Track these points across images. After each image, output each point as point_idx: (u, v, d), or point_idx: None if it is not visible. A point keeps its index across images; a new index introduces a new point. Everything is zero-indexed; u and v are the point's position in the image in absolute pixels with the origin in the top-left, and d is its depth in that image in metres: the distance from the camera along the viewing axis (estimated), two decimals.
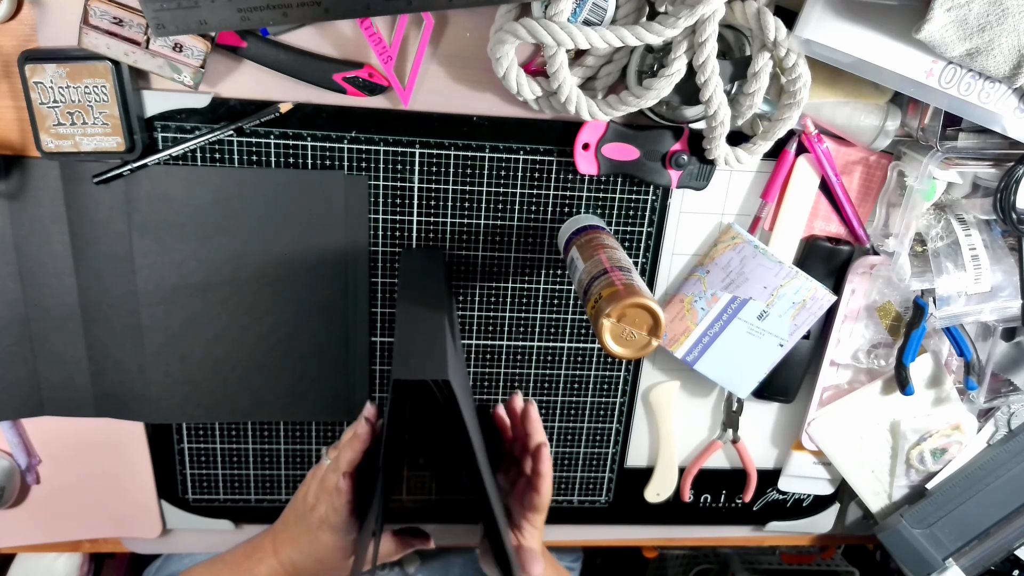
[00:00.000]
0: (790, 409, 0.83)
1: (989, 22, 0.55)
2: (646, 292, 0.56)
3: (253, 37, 0.60)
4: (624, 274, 0.58)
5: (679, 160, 0.68)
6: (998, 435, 0.84)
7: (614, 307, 0.54)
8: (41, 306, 0.68)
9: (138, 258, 0.67)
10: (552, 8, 0.57)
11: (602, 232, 0.67)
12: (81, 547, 0.84)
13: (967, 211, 0.71)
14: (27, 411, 0.73)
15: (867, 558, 1.16)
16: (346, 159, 0.67)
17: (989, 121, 0.62)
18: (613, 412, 0.81)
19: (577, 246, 0.65)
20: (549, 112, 0.64)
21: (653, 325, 0.55)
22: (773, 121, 0.64)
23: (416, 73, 0.63)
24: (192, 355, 0.72)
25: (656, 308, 0.54)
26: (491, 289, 0.74)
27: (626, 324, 0.55)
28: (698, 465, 0.85)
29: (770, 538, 0.94)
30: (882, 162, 0.70)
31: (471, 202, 0.70)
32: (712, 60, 0.59)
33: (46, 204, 0.65)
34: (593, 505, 0.87)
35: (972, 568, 0.83)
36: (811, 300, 0.73)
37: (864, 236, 0.73)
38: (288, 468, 0.80)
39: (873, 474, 0.85)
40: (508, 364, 0.77)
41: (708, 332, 0.74)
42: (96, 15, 0.57)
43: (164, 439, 0.77)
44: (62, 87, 0.59)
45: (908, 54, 0.59)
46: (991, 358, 0.78)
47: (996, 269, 0.71)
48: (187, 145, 0.64)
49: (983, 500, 0.83)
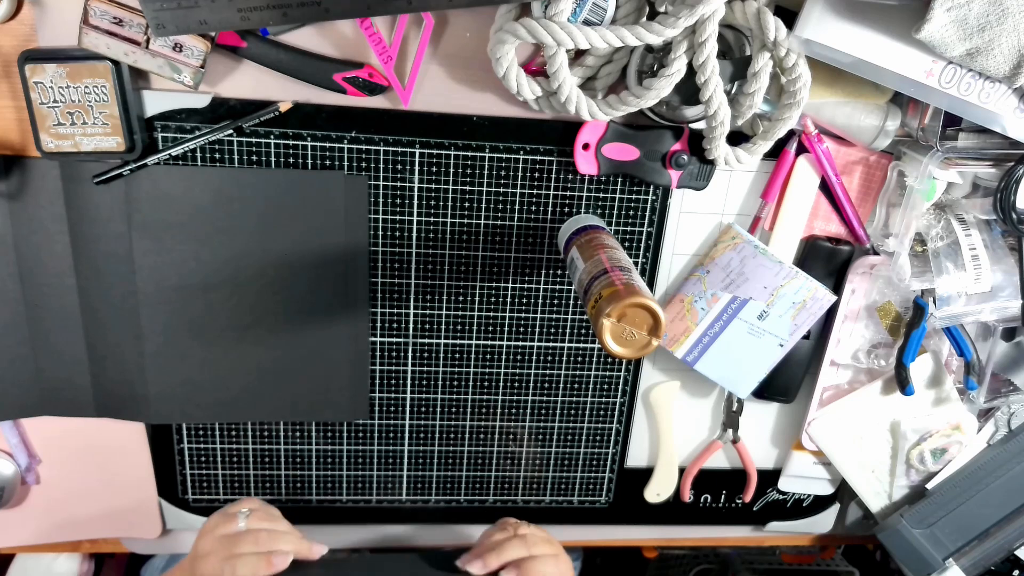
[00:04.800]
0: (790, 409, 0.83)
1: (989, 22, 0.55)
2: (646, 292, 0.56)
3: (253, 37, 0.60)
4: (624, 274, 0.58)
5: (679, 160, 0.68)
6: (998, 435, 0.84)
7: (614, 307, 0.54)
8: (41, 306, 0.68)
9: (138, 258, 0.67)
10: (552, 8, 0.57)
11: (602, 232, 0.67)
12: (81, 547, 0.84)
13: (967, 211, 0.71)
14: (27, 411, 0.73)
15: (867, 558, 1.16)
16: (346, 159, 0.67)
17: (989, 121, 0.62)
18: (613, 412, 0.81)
19: (577, 246, 0.65)
20: (549, 112, 0.64)
21: (653, 325, 0.55)
22: (773, 121, 0.64)
23: (416, 73, 0.63)
24: (192, 355, 0.72)
25: (656, 308, 0.54)
26: (491, 289, 0.74)
27: (626, 324, 0.55)
28: (698, 465, 0.85)
29: (770, 538, 0.94)
30: (882, 162, 0.70)
31: (471, 202, 0.70)
32: (712, 60, 0.59)
33: (46, 204, 0.65)
34: (593, 505, 0.87)
35: (972, 568, 0.83)
36: (811, 300, 0.73)
37: (864, 236, 0.73)
38: (288, 468, 0.80)
39: (873, 474, 0.85)
40: (508, 364, 0.77)
41: (708, 332, 0.74)
42: (96, 15, 0.57)
43: (164, 439, 0.77)
44: (62, 87, 0.59)
45: (908, 54, 0.59)
46: (991, 358, 0.78)
47: (996, 269, 0.71)
48: (187, 145, 0.64)
49: (983, 500, 0.83)
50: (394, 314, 0.74)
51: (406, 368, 0.76)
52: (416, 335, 0.75)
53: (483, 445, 0.81)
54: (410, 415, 0.79)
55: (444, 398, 0.78)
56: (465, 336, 0.75)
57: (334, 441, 0.79)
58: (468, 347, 0.76)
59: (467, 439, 0.81)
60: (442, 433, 0.80)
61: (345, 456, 0.80)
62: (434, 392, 0.78)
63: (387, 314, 0.73)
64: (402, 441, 0.80)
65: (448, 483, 0.83)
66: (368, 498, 0.83)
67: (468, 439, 0.81)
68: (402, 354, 0.75)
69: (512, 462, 0.82)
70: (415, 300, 0.73)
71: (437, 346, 0.75)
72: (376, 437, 0.79)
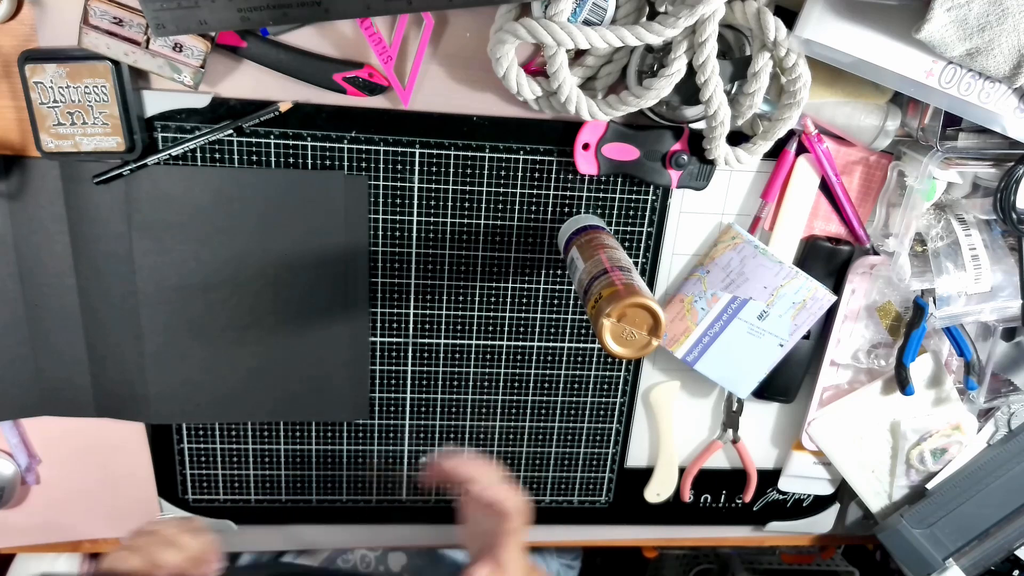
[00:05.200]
0: (790, 409, 0.83)
1: (989, 22, 0.55)
2: (646, 292, 0.56)
3: (253, 37, 0.60)
4: (624, 274, 0.58)
5: (679, 160, 0.68)
6: (998, 435, 0.84)
7: (614, 307, 0.54)
8: (41, 306, 0.68)
9: (138, 258, 0.67)
10: (552, 8, 0.57)
11: (602, 232, 0.67)
12: (81, 547, 0.84)
13: (967, 211, 0.71)
14: (27, 411, 0.73)
15: (867, 558, 1.16)
16: (346, 159, 0.67)
17: (989, 121, 0.62)
18: (613, 412, 0.81)
19: (577, 246, 0.65)
20: (549, 112, 0.64)
21: (653, 325, 0.55)
22: (773, 121, 0.64)
23: (416, 73, 0.63)
24: (192, 355, 0.72)
25: (656, 308, 0.54)
26: (491, 289, 0.74)
27: (626, 324, 0.55)
28: (698, 465, 0.85)
29: (770, 538, 0.94)
30: (882, 162, 0.70)
31: (471, 202, 0.70)
32: (712, 60, 0.59)
33: (46, 204, 0.65)
34: (593, 505, 0.87)
35: (972, 568, 0.83)
36: (811, 300, 0.73)
37: (864, 236, 0.73)
38: (288, 468, 0.80)
39: (873, 474, 0.85)
40: (508, 364, 0.77)
41: (708, 332, 0.74)
42: (96, 15, 0.57)
43: (164, 439, 0.77)
44: (62, 87, 0.59)
45: (908, 54, 0.59)
46: (991, 358, 0.78)
47: (996, 269, 0.71)
48: (187, 145, 0.64)
49: (983, 500, 0.83)
50: (394, 314, 0.74)
51: (406, 368, 0.76)
52: (416, 335, 0.75)
53: (483, 445, 0.81)
54: (410, 415, 0.79)
55: (444, 398, 0.78)
56: (465, 336, 0.75)
57: (334, 441, 0.79)
58: (468, 347, 0.76)
59: (467, 439, 0.81)
60: (442, 433, 0.80)
61: (345, 456, 0.80)
62: (434, 392, 0.78)
63: (387, 314, 0.73)
64: (402, 441, 0.80)
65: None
66: (368, 498, 0.83)
67: (468, 439, 0.81)
68: (402, 354, 0.75)
69: (512, 461, 0.82)
70: (415, 300, 0.73)
71: (437, 346, 0.76)
72: (376, 437, 0.79)
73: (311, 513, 0.83)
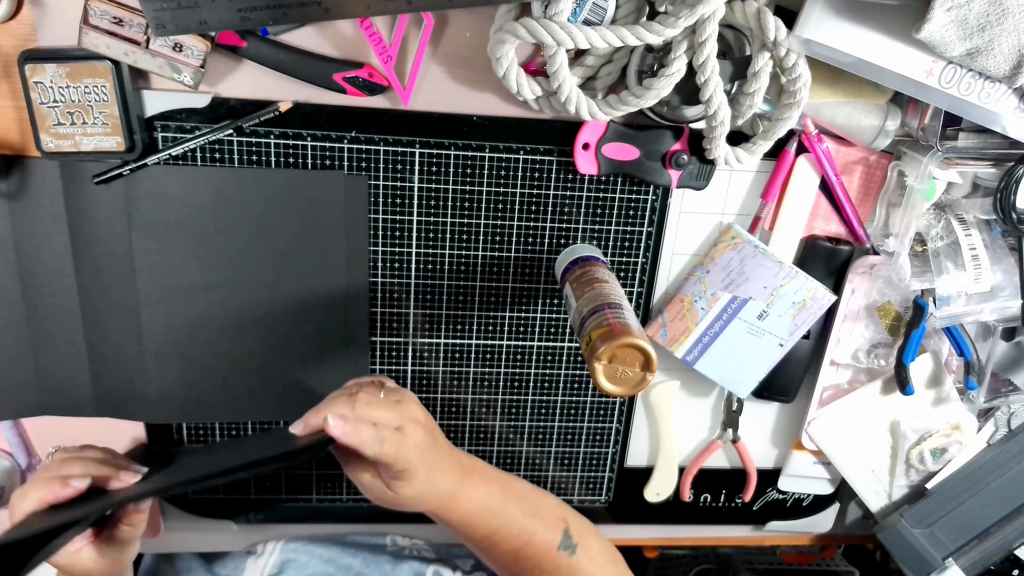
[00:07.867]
0: (790, 409, 0.83)
1: (989, 22, 0.55)
2: (637, 330, 0.56)
3: (253, 37, 0.60)
4: (614, 312, 0.59)
5: (679, 160, 0.68)
6: (998, 435, 0.84)
7: (605, 348, 0.55)
8: (41, 306, 0.68)
9: (138, 258, 0.67)
10: (552, 8, 0.57)
11: (596, 264, 0.67)
12: None
13: (967, 211, 0.71)
14: (27, 411, 0.73)
15: (867, 558, 1.16)
16: (346, 159, 0.67)
17: (989, 121, 0.62)
18: (613, 412, 0.81)
19: (570, 282, 0.66)
20: (549, 112, 0.64)
21: (645, 362, 0.56)
22: (773, 121, 0.64)
23: (416, 73, 0.63)
24: (192, 355, 0.72)
25: (647, 346, 0.55)
26: (491, 289, 0.74)
27: (618, 364, 0.56)
28: (698, 465, 0.85)
29: (770, 538, 0.94)
30: (882, 162, 0.70)
31: (471, 202, 0.70)
32: (712, 60, 0.59)
33: (46, 204, 0.65)
34: (593, 505, 0.87)
35: (972, 568, 0.83)
36: (811, 300, 0.73)
37: (864, 236, 0.73)
38: None
39: (873, 474, 0.85)
40: (508, 364, 0.77)
41: (708, 332, 0.74)
42: (96, 15, 0.57)
43: (164, 439, 0.77)
44: (62, 87, 0.59)
45: (908, 54, 0.59)
46: (991, 358, 0.78)
47: (996, 269, 0.71)
48: (187, 145, 0.64)
49: (983, 500, 0.83)
50: (394, 314, 0.74)
51: (406, 368, 0.76)
52: (416, 335, 0.75)
53: (483, 445, 0.81)
54: None
55: (444, 398, 0.78)
56: (465, 336, 0.75)
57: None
58: (468, 347, 0.76)
59: (467, 439, 0.81)
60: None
61: None
62: (434, 392, 0.78)
63: (387, 314, 0.73)
64: None
65: None
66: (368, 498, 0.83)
67: (468, 439, 0.81)
68: (402, 354, 0.75)
69: (512, 461, 0.82)
70: (415, 300, 0.73)
71: (437, 346, 0.76)
72: None
73: (311, 513, 0.83)
